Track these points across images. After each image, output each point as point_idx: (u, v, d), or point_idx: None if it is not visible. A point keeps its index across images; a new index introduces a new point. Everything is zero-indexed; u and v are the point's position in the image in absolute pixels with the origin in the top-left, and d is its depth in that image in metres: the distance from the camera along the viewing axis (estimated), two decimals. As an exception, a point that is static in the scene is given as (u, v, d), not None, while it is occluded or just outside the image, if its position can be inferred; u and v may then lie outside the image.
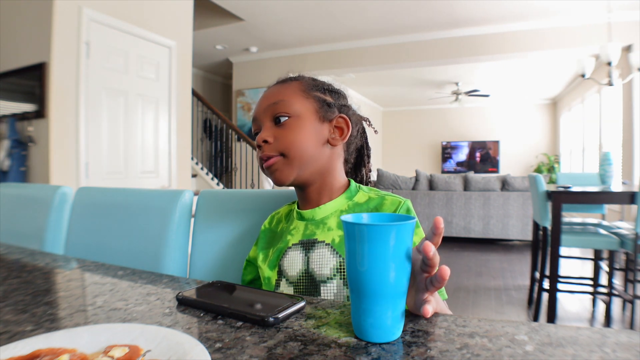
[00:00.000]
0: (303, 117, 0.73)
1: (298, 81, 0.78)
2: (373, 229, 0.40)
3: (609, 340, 0.39)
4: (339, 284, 0.67)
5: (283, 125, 0.72)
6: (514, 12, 4.51)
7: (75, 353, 0.36)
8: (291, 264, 0.71)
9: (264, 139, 0.71)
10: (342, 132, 0.76)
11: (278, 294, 0.55)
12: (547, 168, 9.00)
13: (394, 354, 0.38)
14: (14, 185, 1.49)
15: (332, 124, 0.76)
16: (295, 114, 0.72)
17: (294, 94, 0.75)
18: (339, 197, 0.74)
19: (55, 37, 2.54)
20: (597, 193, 2.37)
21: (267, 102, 0.75)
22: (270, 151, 0.71)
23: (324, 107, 0.75)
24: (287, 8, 4.49)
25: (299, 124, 0.72)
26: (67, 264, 0.77)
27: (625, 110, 4.80)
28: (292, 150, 0.71)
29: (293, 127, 0.72)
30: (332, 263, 0.68)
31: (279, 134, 0.72)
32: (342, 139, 0.76)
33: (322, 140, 0.74)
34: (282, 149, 0.71)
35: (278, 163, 0.71)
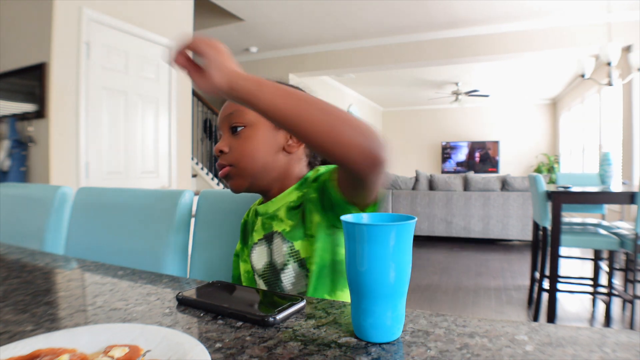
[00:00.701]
0: (257, 126, 0.74)
1: None
2: (373, 229, 0.40)
3: (609, 340, 0.39)
4: (295, 268, 0.71)
5: (238, 134, 0.74)
6: (513, 12, 4.51)
7: (75, 353, 0.36)
8: (258, 258, 0.76)
9: (219, 149, 0.75)
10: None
11: (278, 294, 0.55)
12: (547, 168, 9.00)
13: (394, 354, 0.38)
14: (14, 185, 1.49)
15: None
16: (250, 123, 0.74)
17: None
18: (289, 189, 0.76)
19: (55, 37, 2.54)
20: (597, 193, 2.37)
21: (225, 113, 0.77)
22: (223, 161, 0.75)
23: None
24: (287, 8, 4.49)
25: (252, 134, 0.74)
26: (67, 264, 0.77)
27: (625, 111, 4.80)
28: (242, 161, 0.73)
29: (246, 136, 0.74)
30: (283, 249, 0.72)
31: (233, 144, 0.74)
32: (299, 144, 0.77)
33: (276, 148, 0.76)
34: (232, 160, 0.74)
35: (231, 173, 0.74)
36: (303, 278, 0.70)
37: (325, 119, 0.52)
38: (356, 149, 0.51)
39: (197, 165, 5.73)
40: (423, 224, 5.14)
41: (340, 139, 0.51)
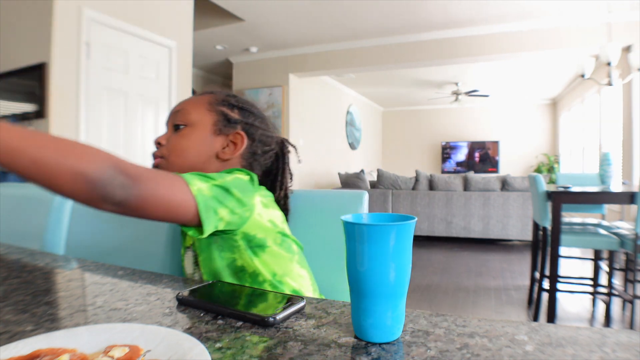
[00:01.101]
0: (196, 127, 0.77)
1: (212, 94, 0.82)
2: (373, 229, 0.40)
3: (609, 340, 0.39)
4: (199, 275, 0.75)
5: (178, 132, 0.77)
6: (513, 12, 4.51)
7: (75, 353, 0.36)
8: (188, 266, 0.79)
9: (157, 141, 0.78)
10: (236, 147, 0.79)
11: (278, 294, 0.55)
12: (547, 168, 9.00)
13: (394, 354, 0.38)
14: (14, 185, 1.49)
15: (228, 138, 0.79)
16: (191, 123, 0.77)
17: (197, 105, 0.79)
18: None
19: (55, 37, 2.55)
20: (597, 193, 2.37)
21: (174, 110, 0.80)
22: (157, 152, 0.78)
23: (223, 122, 0.78)
24: (287, 8, 4.49)
25: (189, 133, 0.77)
26: (67, 264, 0.77)
27: (625, 111, 4.80)
28: (172, 156, 0.76)
29: (183, 135, 0.77)
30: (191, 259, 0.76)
31: (171, 139, 0.77)
32: (232, 153, 0.78)
33: (209, 152, 0.77)
34: (164, 153, 0.77)
35: (160, 164, 0.77)
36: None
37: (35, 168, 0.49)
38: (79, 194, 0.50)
39: (197, 165, 5.73)
40: (423, 224, 5.14)
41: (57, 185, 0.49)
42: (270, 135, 0.85)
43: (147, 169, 0.56)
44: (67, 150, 0.50)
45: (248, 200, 0.67)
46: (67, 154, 0.50)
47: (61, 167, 0.49)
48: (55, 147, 0.49)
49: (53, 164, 0.49)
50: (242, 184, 0.68)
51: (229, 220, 0.63)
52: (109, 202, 0.52)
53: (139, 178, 0.54)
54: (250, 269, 0.71)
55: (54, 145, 0.49)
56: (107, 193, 0.51)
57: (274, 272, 0.72)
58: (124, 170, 0.52)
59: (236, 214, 0.64)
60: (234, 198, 0.64)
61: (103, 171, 0.51)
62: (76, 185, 0.50)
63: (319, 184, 7.28)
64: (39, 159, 0.48)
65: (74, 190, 0.50)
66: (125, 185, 0.52)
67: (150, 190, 0.55)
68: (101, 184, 0.50)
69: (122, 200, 0.52)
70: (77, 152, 0.51)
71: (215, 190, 0.62)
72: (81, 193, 0.51)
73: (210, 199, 0.61)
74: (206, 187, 0.61)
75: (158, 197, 0.56)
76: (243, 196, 0.66)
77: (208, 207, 0.60)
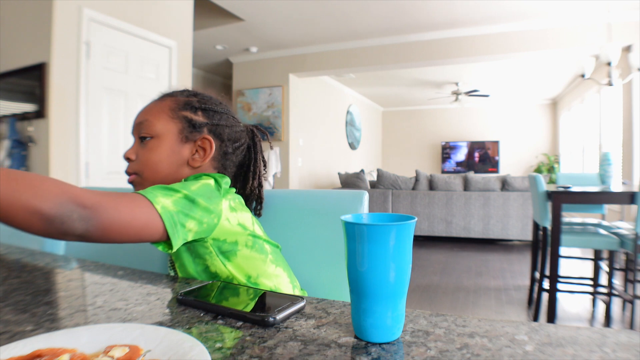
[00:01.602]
0: (163, 137, 0.75)
1: (172, 98, 0.79)
2: (373, 229, 0.40)
3: (609, 340, 0.39)
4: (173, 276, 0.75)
5: (145, 144, 0.76)
6: (513, 12, 4.51)
7: (75, 353, 0.36)
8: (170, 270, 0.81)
9: (127, 156, 0.77)
10: (205, 152, 0.78)
11: (278, 294, 0.55)
12: (547, 168, 9.01)
13: (394, 354, 0.38)
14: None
15: (196, 144, 0.77)
16: (157, 134, 0.75)
17: (160, 114, 0.77)
18: None
19: (55, 37, 2.55)
20: (597, 193, 2.37)
21: (136, 121, 0.78)
22: (130, 169, 0.77)
23: (188, 128, 0.77)
24: (287, 8, 4.49)
25: (156, 145, 0.75)
26: (67, 264, 0.77)
27: (625, 111, 4.80)
28: (145, 172, 0.75)
29: (151, 147, 0.75)
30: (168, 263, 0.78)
31: (140, 153, 0.76)
32: (202, 159, 0.77)
33: (180, 161, 0.76)
34: (137, 169, 0.76)
35: (135, 181, 0.77)
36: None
37: None
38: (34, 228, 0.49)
39: (197, 165, 5.73)
40: (423, 224, 5.14)
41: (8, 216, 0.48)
42: (238, 129, 0.83)
43: (106, 194, 0.55)
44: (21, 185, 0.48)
45: (215, 207, 0.66)
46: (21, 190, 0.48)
47: (16, 203, 0.48)
48: (8, 182, 0.48)
49: (7, 200, 0.47)
50: (208, 191, 0.67)
51: (197, 230, 0.63)
52: (70, 235, 0.51)
53: (97, 207, 0.53)
54: (224, 274, 0.71)
55: (6, 180, 0.48)
56: (66, 229, 0.50)
57: (248, 275, 0.72)
58: (80, 202, 0.51)
59: (204, 223, 0.64)
60: (200, 207, 0.63)
61: (59, 207, 0.50)
62: (32, 222, 0.49)
63: (319, 184, 7.28)
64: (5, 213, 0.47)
65: (31, 226, 0.49)
66: (83, 217, 0.51)
67: (111, 217, 0.54)
68: (59, 220, 0.50)
69: (83, 233, 0.52)
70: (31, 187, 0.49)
71: (180, 203, 0.61)
72: (39, 229, 0.50)
73: (175, 213, 0.60)
74: (170, 202, 0.60)
75: (121, 222, 0.55)
76: (209, 204, 0.65)
77: (174, 223, 0.59)
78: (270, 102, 6.11)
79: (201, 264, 0.70)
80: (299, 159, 6.35)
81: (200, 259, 0.70)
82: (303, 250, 0.87)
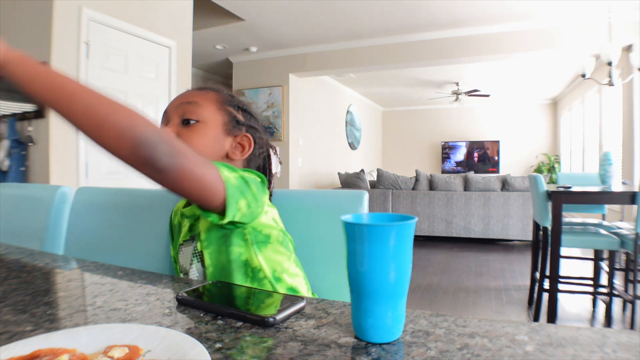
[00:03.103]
0: (209, 125, 0.75)
1: (216, 92, 0.81)
2: (373, 229, 0.40)
3: (610, 341, 0.39)
4: (199, 267, 0.73)
5: (190, 127, 0.74)
6: (513, 12, 4.51)
7: (75, 353, 0.36)
8: (185, 260, 0.77)
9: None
10: (244, 149, 0.79)
11: (278, 294, 0.55)
12: (547, 168, 9.00)
13: (394, 354, 0.38)
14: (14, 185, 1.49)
15: (236, 139, 0.79)
16: (203, 120, 0.75)
17: (207, 102, 0.78)
18: None
19: (55, 36, 2.54)
20: (598, 193, 2.37)
21: (181, 100, 0.77)
22: None
23: (232, 122, 0.78)
24: (287, 8, 4.49)
25: (203, 130, 0.75)
26: (67, 264, 0.77)
27: (626, 110, 4.80)
28: None
29: (198, 131, 0.74)
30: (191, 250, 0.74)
31: (182, 134, 0.74)
32: (242, 155, 0.79)
33: (220, 152, 0.77)
34: None
35: None
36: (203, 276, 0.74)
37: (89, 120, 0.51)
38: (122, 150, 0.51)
39: (197, 165, 5.73)
40: (423, 224, 5.14)
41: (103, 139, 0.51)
42: (264, 137, 0.86)
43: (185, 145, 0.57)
44: (119, 107, 0.51)
45: (260, 197, 0.69)
46: (118, 110, 0.51)
47: (110, 121, 0.50)
48: (108, 102, 0.51)
49: (103, 115, 0.50)
50: (257, 182, 0.71)
51: (244, 212, 0.65)
52: (151, 165, 0.52)
53: (181, 150, 0.55)
54: (253, 264, 0.72)
55: (106, 99, 0.51)
56: (151, 156, 0.52)
57: (274, 269, 0.74)
58: (168, 139, 0.54)
59: (251, 207, 0.66)
60: (252, 192, 0.66)
61: (150, 135, 0.52)
62: (122, 143, 0.51)
63: (319, 184, 7.27)
64: (91, 108, 0.50)
65: (119, 147, 0.51)
66: (168, 152, 0.53)
67: (190, 165, 0.56)
68: (147, 145, 0.51)
69: (164, 167, 0.53)
70: (128, 111, 0.52)
71: (240, 181, 0.64)
72: (125, 151, 0.51)
73: (235, 188, 0.63)
74: (233, 176, 0.63)
75: (195, 173, 0.57)
76: (258, 192, 0.68)
77: (232, 195, 0.62)
78: (270, 102, 6.11)
79: (235, 252, 0.71)
80: (299, 159, 6.35)
81: (235, 247, 0.71)
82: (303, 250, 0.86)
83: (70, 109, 0.50)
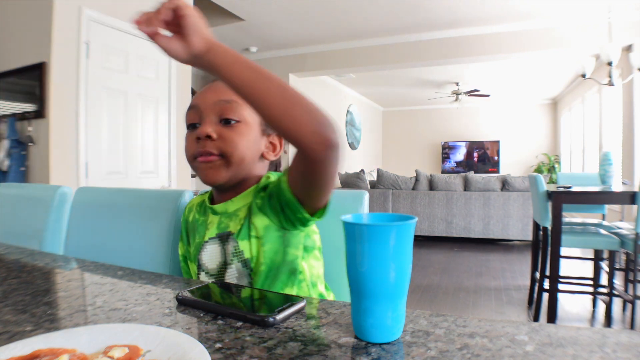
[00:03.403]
0: (249, 125, 0.74)
1: None
2: (373, 229, 0.40)
3: (610, 341, 0.39)
4: (239, 267, 0.72)
5: (231, 127, 0.73)
6: (513, 12, 4.51)
7: (75, 353, 0.36)
8: (210, 258, 0.75)
9: (208, 134, 0.71)
10: (275, 149, 0.79)
11: (278, 294, 0.55)
12: (547, 168, 9.00)
13: (394, 354, 0.38)
14: (14, 185, 1.49)
15: (268, 139, 0.78)
16: (244, 120, 0.74)
17: None
18: (248, 190, 0.76)
19: (55, 37, 2.54)
20: (598, 193, 2.37)
21: (217, 97, 0.74)
22: (211, 148, 0.71)
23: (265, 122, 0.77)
24: (287, 8, 4.49)
25: (246, 131, 0.74)
26: (67, 264, 0.77)
27: (626, 110, 4.80)
28: (235, 155, 0.72)
29: (240, 132, 0.73)
30: (230, 249, 0.73)
31: (224, 134, 0.72)
32: (275, 155, 0.79)
33: (259, 152, 0.77)
34: (224, 151, 0.71)
35: (216, 162, 0.72)
36: (245, 277, 0.72)
37: (282, 98, 0.55)
38: (307, 127, 0.55)
39: (197, 165, 5.73)
40: (423, 224, 5.14)
41: (294, 117, 0.55)
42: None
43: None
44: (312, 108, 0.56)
45: None
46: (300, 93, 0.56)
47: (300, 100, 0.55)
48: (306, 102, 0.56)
49: (293, 95, 0.55)
50: None
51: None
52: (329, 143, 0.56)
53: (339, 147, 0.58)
54: (298, 267, 0.73)
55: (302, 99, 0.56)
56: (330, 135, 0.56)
57: (312, 274, 0.75)
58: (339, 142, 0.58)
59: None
60: None
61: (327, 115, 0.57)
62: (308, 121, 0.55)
63: (319, 184, 7.27)
64: (284, 87, 0.55)
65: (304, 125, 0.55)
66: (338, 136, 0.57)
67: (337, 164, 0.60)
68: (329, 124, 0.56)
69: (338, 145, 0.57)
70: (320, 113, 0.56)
71: None
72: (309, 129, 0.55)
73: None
74: None
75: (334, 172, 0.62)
76: None
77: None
78: (270, 102, 6.10)
79: (290, 253, 0.72)
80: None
81: (291, 248, 0.72)
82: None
83: (268, 88, 0.54)
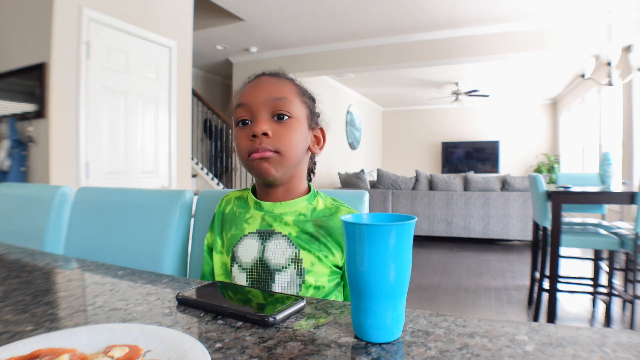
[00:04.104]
0: (299, 120, 0.75)
1: (291, 82, 0.80)
2: (373, 229, 0.40)
3: (609, 341, 0.39)
4: (293, 273, 0.71)
5: (283, 123, 0.73)
6: (513, 12, 4.51)
7: (75, 353, 0.36)
8: (246, 251, 0.74)
9: (264, 131, 0.71)
10: (319, 142, 0.79)
11: (278, 294, 0.55)
12: (547, 168, 9.00)
13: (394, 354, 0.38)
14: (14, 185, 1.49)
15: (313, 132, 0.79)
16: (295, 116, 0.74)
17: (293, 94, 0.76)
18: (300, 199, 0.77)
19: (55, 37, 2.54)
20: (597, 193, 2.37)
21: (268, 95, 0.73)
22: (267, 144, 0.71)
23: (311, 115, 0.78)
24: (287, 8, 4.49)
25: (297, 126, 0.74)
26: (67, 264, 0.77)
27: (625, 110, 4.80)
28: (290, 151, 0.72)
29: (292, 127, 0.73)
30: (288, 253, 0.71)
31: (278, 131, 0.72)
32: (320, 149, 0.79)
33: (307, 146, 0.77)
34: (280, 147, 0.72)
35: (272, 158, 0.72)
36: (296, 286, 0.71)
37: None
38: None
39: (197, 165, 5.73)
40: (423, 224, 5.14)
41: None
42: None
43: None
44: None
45: None
46: None
47: None
48: None
49: None
50: None
51: None
52: None
53: None
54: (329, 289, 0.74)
55: None
56: None
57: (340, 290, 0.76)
58: None
59: None
60: None
61: None
62: None
63: (319, 184, 7.27)
64: None
65: None
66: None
67: None
68: None
69: None
70: None
71: None
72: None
73: None
74: None
75: None
76: None
77: None
78: (270, 102, 6.10)
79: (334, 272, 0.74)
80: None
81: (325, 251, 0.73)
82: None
83: None
